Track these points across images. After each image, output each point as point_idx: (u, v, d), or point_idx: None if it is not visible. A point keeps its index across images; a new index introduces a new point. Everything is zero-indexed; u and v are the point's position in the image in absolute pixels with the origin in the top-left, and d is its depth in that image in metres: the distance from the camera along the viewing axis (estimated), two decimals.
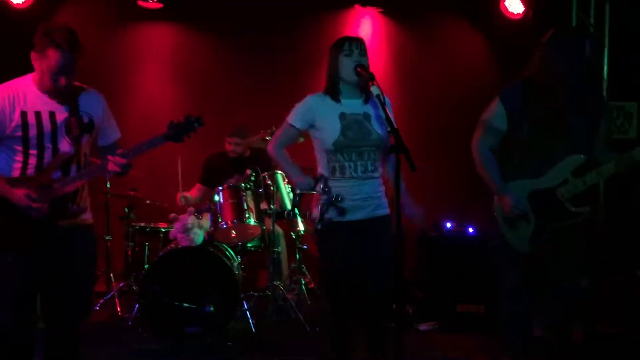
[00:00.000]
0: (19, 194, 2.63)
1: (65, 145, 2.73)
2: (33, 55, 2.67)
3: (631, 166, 2.83)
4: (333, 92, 3.06)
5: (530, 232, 2.92)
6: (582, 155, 2.89)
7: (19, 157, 2.69)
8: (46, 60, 2.63)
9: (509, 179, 2.97)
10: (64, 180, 2.71)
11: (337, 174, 3.02)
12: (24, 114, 2.66)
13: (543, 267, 2.97)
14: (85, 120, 2.79)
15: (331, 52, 3.08)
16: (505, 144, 3.01)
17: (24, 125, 2.66)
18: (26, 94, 2.69)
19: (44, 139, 2.69)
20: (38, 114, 2.68)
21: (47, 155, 2.70)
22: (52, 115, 2.71)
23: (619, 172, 2.84)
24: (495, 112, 2.98)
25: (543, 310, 3.05)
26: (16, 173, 2.70)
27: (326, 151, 3.04)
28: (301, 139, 4.49)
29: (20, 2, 5.32)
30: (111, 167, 2.70)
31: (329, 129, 3.01)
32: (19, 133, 2.66)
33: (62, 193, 2.71)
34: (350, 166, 3.01)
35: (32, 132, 2.67)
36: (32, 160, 2.69)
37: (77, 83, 2.81)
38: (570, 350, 3.05)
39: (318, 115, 3.05)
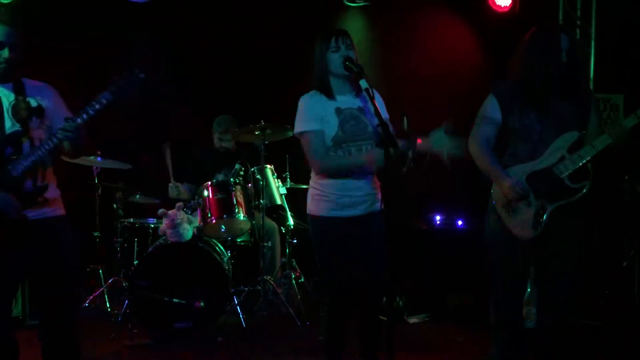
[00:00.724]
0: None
1: (12, 128, 2.69)
2: None
3: (624, 135, 2.83)
4: (325, 89, 3.02)
5: (532, 215, 2.93)
6: (575, 132, 2.91)
7: None
8: None
9: (505, 167, 3.00)
10: (17, 160, 2.65)
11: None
12: None
13: (544, 255, 2.98)
14: (34, 104, 2.76)
15: (317, 47, 3.03)
16: (500, 138, 3.04)
17: None
18: None
19: None
20: None
21: None
22: None
23: (615, 144, 2.84)
24: (488, 103, 3.03)
25: (542, 301, 3.06)
26: None
27: (327, 148, 2.99)
28: (290, 133, 4.52)
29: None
30: (60, 133, 2.62)
31: (326, 125, 2.97)
32: None
33: (19, 172, 2.64)
34: None
35: None
36: None
37: (26, 79, 2.80)
38: (568, 341, 3.07)
39: (320, 111, 2.99)
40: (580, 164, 2.88)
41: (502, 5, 5.48)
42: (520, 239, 2.94)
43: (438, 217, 5.10)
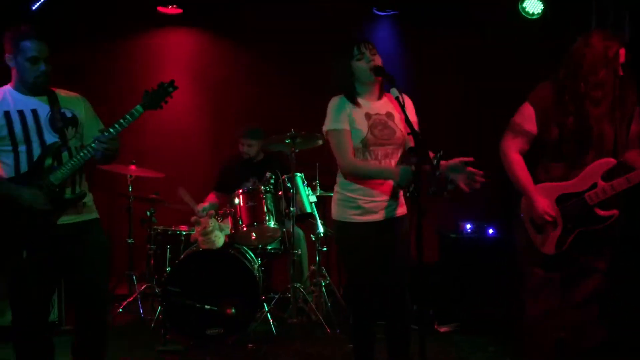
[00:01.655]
0: (26, 194, 2.76)
1: (51, 138, 2.85)
2: (7, 58, 2.84)
3: None
4: (350, 96, 3.03)
5: (557, 235, 2.91)
6: (612, 159, 2.87)
7: (10, 158, 2.83)
8: (21, 52, 2.79)
9: (536, 182, 2.96)
10: (57, 169, 2.82)
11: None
12: (6, 114, 2.81)
13: (568, 268, 2.95)
14: (68, 115, 2.93)
15: (338, 59, 3.04)
16: (534, 147, 3.01)
17: (8, 124, 2.80)
18: (6, 98, 2.86)
19: (30, 134, 2.82)
20: (20, 113, 2.83)
21: (37, 151, 2.83)
22: (34, 112, 2.86)
23: None
24: (524, 114, 2.98)
25: (564, 312, 3.03)
26: (9, 172, 2.83)
27: (355, 149, 3.00)
28: (319, 142, 4.54)
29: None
30: (97, 144, 2.80)
31: (356, 127, 2.98)
32: (5, 133, 2.80)
33: (59, 181, 2.81)
34: None
35: (17, 130, 2.81)
36: (23, 158, 2.82)
37: (58, 90, 2.96)
38: (589, 352, 3.02)
39: (349, 112, 3.01)
40: (611, 194, 2.83)
41: (534, 14, 5.43)
42: (543, 253, 2.93)
43: (468, 226, 5.06)
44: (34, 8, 5.28)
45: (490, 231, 4.97)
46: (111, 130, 2.82)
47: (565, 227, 2.90)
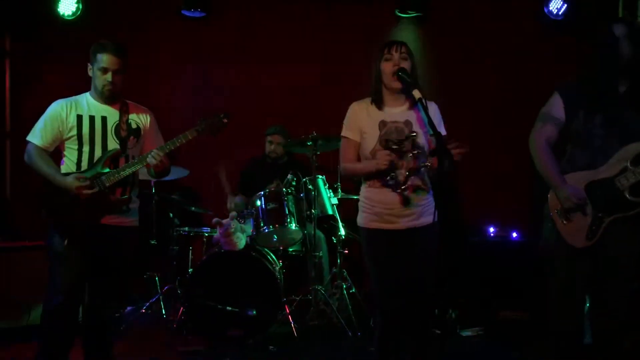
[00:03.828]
0: (70, 178, 3.09)
1: (113, 144, 3.20)
2: (88, 67, 3.25)
3: None
4: (376, 100, 3.03)
5: (587, 224, 2.85)
6: None
7: (74, 155, 3.18)
8: (96, 62, 3.17)
9: (563, 172, 2.92)
10: (110, 173, 3.14)
11: (379, 181, 2.99)
12: (79, 117, 3.18)
13: (600, 265, 2.89)
14: (133, 126, 3.28)
15: (375, 58, 3.05)
16: (562, 138, 2.97)
17: (78, 126, 3.17)
18: (83, 103, 3.24)
19: (95, 140, 3.17)
20: (91, 118, 3.20)
21: (97, 151, 3.17)
22: (103, 118, 3.21)
23: None
24: (552, 102, 2.98)
25: (595, 315, 2.97)
26: (71, 167, 3.19)
27: (366, 159, 3.02)
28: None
29: (69, 14, 5.49)
30: (150, 159, 3.12)
31: (367, 137, 2.99)
32: (74, 133, 3.17)
33: (110, 184, 3.13)
34: (390, 176, 2.92)
35: (85, 131, 3.16)
36: (85, 157, 3.17)
37: (130, 103, 3.31)
38: (622, 357, 2.96)
39: (361, 122, 3.03)
40: None
41: (559, 13, 5.37)
42: (574, 247, 2.86)
43: (492, 229, 5.01)
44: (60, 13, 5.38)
45: (514, 235, 4.91)
46: (165, 147, 3.15)
47: (595, 215, 2.84)
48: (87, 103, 3.24)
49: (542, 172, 2.94)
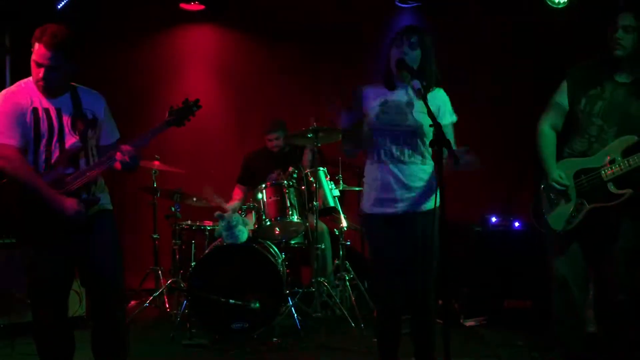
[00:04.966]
0: (71, 201, 2.73)
1: (71, 141, 2.80)
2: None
3: None
4: (386, 81, 3.05)
5: (568, 211, 2.90)
6: (634, 136, 2.85)
7: (29, 156, 2.77)
8: (32, 52, 2.71)
9: (561, 157, 2.98)
10: (75, 174, 2.79)
11: (375, 158, 3.03)
12: (35, 111, 2.75)
13: (590, 254, 2.93)
14: (89, 117, 2.88)
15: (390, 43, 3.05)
16: (565, 126, 3.03)
17: (36, 122, 2.74)
18: (31, 93, 2.78)
19: (53, 136, 2.76)
20: (47, 111, 2.77)
21: (55, 151, 2.78)
22: (58, 111, 2.79)
23: None
24: (560, 88, 3.03)
25: (596, 303, 2.99)
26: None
27: (368, 135, 3.04)
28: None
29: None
30: (119, 156, 2.75)
31: (368, 114, 3.02)
32: (31, 132, 2.75)
33: (75, 187, 2.77)
34: (383, 151, 2.99)
35: (43, 128, 2.75)
36: (42, 157, 2.77)
37: (80, 87, 2.91)
38: (627, 347, 2.96)
39: (365, 101, 3.06)
40: (628, 170, 2.80)
41: (559, 2, 5.33)
42: (554, 229, 2.91)
43: (494, 218, 5.00)
44: (59, 7, 5.37)
45: (517, 224, 4.90)
46: (135, 143, 2.81)
47: (577, 202, 2.88)
48: (37, 93, 2.78)
49: (540, 155, 3.04)
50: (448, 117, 3.03)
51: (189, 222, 4.99)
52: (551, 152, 2.99)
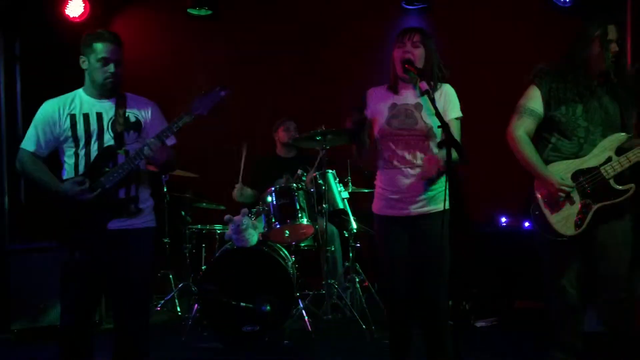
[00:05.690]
0: (67, 184, 2.84)
1: (109, 142, 2.91)
2: (81, 59, 2.93)
3: None
4: (391, 84, 3.07)
5: (575, 213, 2.88)
6: (624, 134, 2.89)
7: (71, 158, 2.92)
8: (93, 53, 2.87)
9: (548, 162, 2.96)
10: (111, 170, 2.86)
11: (386, 164, 3.04)
12: (72, 117, 2.91)
13: (590, 254, 2.92)
14: (132, 119, 2.97)
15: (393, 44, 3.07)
16: (539, 129, 3.02)
17: (72, 127, 2.89)
18: (75, 101, 2.95)
19: (91, 138, 2.89)
20: (85, 116, 2.91)
21: (94, 152, 2.90)
22: (99, 115, 2.93)
23: None
24: (530, 95, 3.01)
25: (598, 304, 2.98)
26: (70, 172, 2.92)
27: (377, 141, 3.06)
28: None
29: (76, 16, 5.53)
30: (146, 150, 2.82)
31: (377, 119, 3.04)
32: (69, 134, 2.90)
33: (112, 183, 2.85)
34: (395, 156, 3.00)
35: (80, 131, 2.89)
36: (82, 158, 2.90)
37: (130, 95, 3.02)
38: (631, 345, 2.95)
39: (372, 105, 3.07)
40: (627, 166, 2.84)
41: (563, 1, 5.32)
42: (562, 235, 2.89)
43: (503, 219, 5.00)
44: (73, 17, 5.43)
45: (526, 224, 4.89)
46: (161, 135, 2.84)
47: (583, 203, 2.87)
48: (81, 100, 2.94)
49: (526, 164, 2.99)
50: (452, 113, 3.03)
51: (199, 225, 5.02)
52: (537, 155, 2.97)
